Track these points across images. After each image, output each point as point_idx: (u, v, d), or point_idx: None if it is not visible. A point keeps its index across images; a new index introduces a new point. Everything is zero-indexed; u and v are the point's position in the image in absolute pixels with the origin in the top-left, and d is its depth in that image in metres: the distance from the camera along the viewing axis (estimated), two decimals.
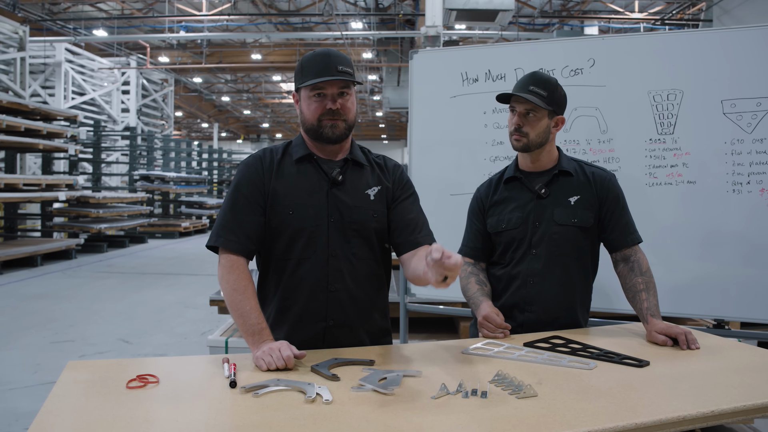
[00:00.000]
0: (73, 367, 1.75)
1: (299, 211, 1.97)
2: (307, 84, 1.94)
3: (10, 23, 12.52)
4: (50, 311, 7.08)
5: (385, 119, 33.67)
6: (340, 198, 2.00)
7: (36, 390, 4.37)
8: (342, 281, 1.99)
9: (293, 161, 2.03)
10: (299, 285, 1.98)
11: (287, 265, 1.99)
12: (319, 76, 1.92)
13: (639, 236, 2.32)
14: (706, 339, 2.11)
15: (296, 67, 2.03)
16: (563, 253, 2.29)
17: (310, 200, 1.99)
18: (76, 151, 12.14)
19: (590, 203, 2.30)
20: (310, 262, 1.97)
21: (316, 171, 2.02)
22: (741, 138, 2.92)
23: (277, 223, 1.98)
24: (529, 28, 17.41)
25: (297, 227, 1.97)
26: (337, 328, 2.00)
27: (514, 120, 2.29)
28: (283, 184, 2.00)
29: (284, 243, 1.99)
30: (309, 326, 1.97)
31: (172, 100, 22.86)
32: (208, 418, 1.38)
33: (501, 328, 2.14)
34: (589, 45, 3.23)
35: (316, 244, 1.97)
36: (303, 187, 2.00)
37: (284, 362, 1.71)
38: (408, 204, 2.10)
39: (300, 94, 2.01)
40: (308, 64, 1.97)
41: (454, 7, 8.81)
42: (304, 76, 1.96)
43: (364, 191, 2.04)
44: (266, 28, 19.05)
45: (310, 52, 2.01)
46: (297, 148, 2.06)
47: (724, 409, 1.46)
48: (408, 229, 2.05)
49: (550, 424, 1.35)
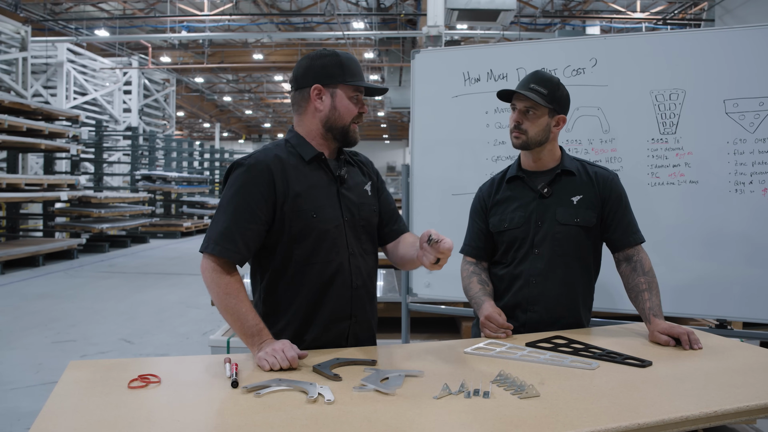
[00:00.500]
0: (75, 367, 1.75)
1: (321, 213, 1.94)
2: (358, 84, 1.95)
3: (12, 23, 12.54)
4: (52, 311, 7.09)
5: (387, 119, 33.71)
6: (348, 197, 2.01)
7: (38, 390, 4.37)
8: (361, 277, 2.02)
9: (304, 162, 1.97)
10: (327, 287, 1.95)
11: (313, 269, 1.94)
12: (359, 80, 1.96)
13: (641, 236, 2.31)
14: (709, 339, 2.11)
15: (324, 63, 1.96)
16: (566, 253, 2.29)
17: (328, 201, 1.96)
18: (78, 151, 12.15)
19: (593, 203, 2.29)
20: (337, 263, 1.96)
21: (324, 171, 1.99)
22: (743, 138, 2.91)
23: (299, 228, 1.92)
24: (531, 27, 17.41)
25: (322, 229, 1.93)
26: (358, 325, 2.02)
27: (513, 117, 2.29)
28: (300, 187, 1.93)
29: (309, 247, 1.93)
30: (336, 326, 1.96)
31: (173, 100, 22.88)
32: (210, 418, 1.38)
33: (503, 328, 2.14)
34: (590, 45, 3.22)
35: (339, 245, 1.96)
36: (319, 188, 1.96)
37: (288, 363, 1.71)
38: (387, 195, 2.19)
39: (330, 89, 1.96)
40: (350, 65, 1.96)
41: (456, 7, 8.80)
42: (349, 74, 1.95)
43: (362, 188, 2.07)
44: (268, 28, 19.07)
45: (336, 51, 1.98)
46: (303, 148, 1.99)
47: (727, 410, 1.46)
48: (392, 219, 2.16)
49: (552, 424, 1.35)
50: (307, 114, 2.00)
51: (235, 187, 1.91)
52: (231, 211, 1.89)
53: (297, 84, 1.99)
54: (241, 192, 1.90)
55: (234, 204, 1.89)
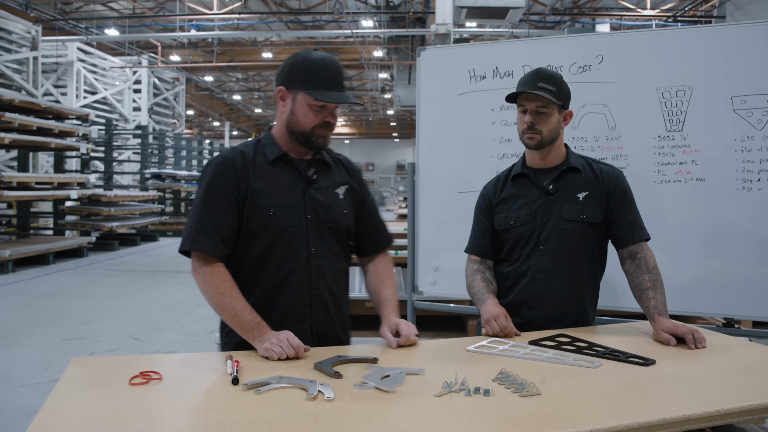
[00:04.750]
0: (77, 364, 1.76)
1: (280, 211, 1.96)
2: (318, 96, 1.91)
3: (23, 23, 12.61)
4: (62, 309, 7.13)
5: (396, 117, 33.66)
6: (315, 197, 2.02)
7: (46, 387, 4.39)
8: (323, 278, 2.02)
9: (268, 161, 2.00)
10: (283, 285, 1.98)
11: (268, 265, 1.97)
12: (329, 90, 1.92)
13: (646, 233, 2.29)
14: (714, 338, 2.09)
15: (294, 64, 1.96)
16: (571, 249, 2.28)
17: (289, 200, 1.99)
18: (87, 149, 12.19)
19: (599, 199, 2.28)
20: (293, 261, 1.98)
21: (290, 171, 2.02)
22: (751, 135, 2.88)
23: (257, 225, 1.95)
24: (540, 25, 17.31)
25: (279, 227, 1.96)
26: (321, 325, 2.03)
27: (526, 119, 2.26)
28: (261, 184, 1.96)
29: (265, 243, 1.96)
30: (294, 325, 1.93)
31: (183, 98, 22.94)
32: (210, 415, 1.38)
33: (507, 332, 2.09)
34: (597, 41, 3.20)
35: (298, 243, 1.98)
36: (281, 187, 1.99)
37: (294, 351, 1.75)
38: (370, 206, 2.20)
39: (293, 93, 1.96)
40: (317, 71, 1.93)
41: (465, 5, 8.75)
42: (311, 82, 1.92)
43: (334, 190, 2.08)
44: (277, 26, 19.10)
45: (313, 54, 1.96)
46: (270, 148, 2.02)
47: (730, 409, 1.44)
48: (370, 232, 2.19)
49: (552, 422, 1.34)
50: (277, 113, 2.04)
51: (205, 184, 1.96)
52: (203, 207, 1.94)
53: (276, 81, 2.03)
54: (210, 189, 1.95)
55: (205, 201, 1.94)
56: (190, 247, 1.91)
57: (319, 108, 1.94)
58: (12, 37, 12.48)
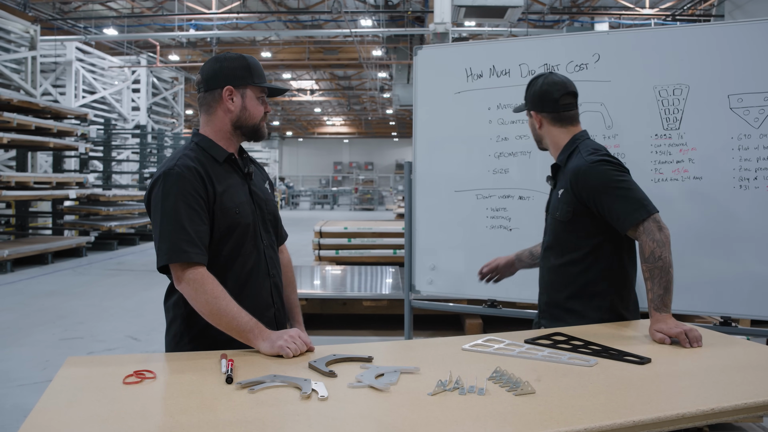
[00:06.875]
0: (72, 363, 1.76)
1: (242, 209, 2.04)
2: (264, 86, 2.08)
3: (21, 22, 12.59)
4: (60, 308, 7.13)
5: (396, 117, 33.65)
6: (257, 193, 2.13)
7: (44, 386, 4.35)
8: (275, 267, 2.16)
9: (219, 163, 2.04)
10: (249, 278, 2.05)
11: (236, 262, 2.03)
12: (265, 82, 2.09)
13: (634, 216, 2.13)
14: (711, 336, 2.08)
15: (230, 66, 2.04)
16: (550, 245, 2.40)
17: (243, 198, 2.06)
18: (86, 149, 12.19)
19: (569, 198, 2.27)
20: (255, 255, 2.07)
21: (233, 170, 2.09)
22: (748, 133, 2.88)
23: (226, 225, 1.99)
24: (539, 25, 17.30)
25: (244, 224, 2.04)
26: (279, 312, 2.15)
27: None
28: (220, 187, 2.00)
29: (234, 242, 2.02)
30: (263, 314, 2.00)
31: (182, 98, 22.91)
32: (203, 414, 1.38)
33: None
34: (594, 40, 3.20)
35: (255, 238, 2.08)
36: (235, 186, 2.06)
37: (306, 346, 1.84)
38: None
39: (241, 90, 2.04)
40: (254, 67, 2.07)
41: (463, 4, 8.75)
42: (254, 77, 2.06)
43: (264, 185, 2.21)
44: (276, 26, 19.09)
45: (236, 54, 2.08)
46: (215, 150, 2.05)
47: (725, 407, 1.44)
48: (280, 225, 2.29)
49: (546, 421, 1.34)
50: (217, 114, 2.06)
51: (173, 194, 1.91)
52: (179, 217, 1.90)
53: (206, 86, 2.05)
54: (183, 198, 1.91)
55: (178, 211, 1.90)
56: (179, 259, 1.88)
57: (263, 100, 2.10)
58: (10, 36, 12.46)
